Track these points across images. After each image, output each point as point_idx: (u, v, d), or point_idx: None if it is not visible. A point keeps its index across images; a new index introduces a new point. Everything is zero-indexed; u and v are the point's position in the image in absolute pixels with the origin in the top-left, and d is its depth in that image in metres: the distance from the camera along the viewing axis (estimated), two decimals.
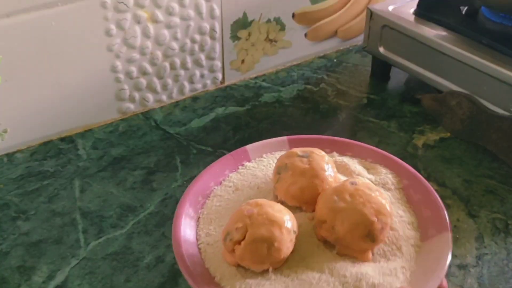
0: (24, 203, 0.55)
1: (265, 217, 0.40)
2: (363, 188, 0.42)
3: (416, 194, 0.46)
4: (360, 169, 0.49)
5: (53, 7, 0.57)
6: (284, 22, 0.76)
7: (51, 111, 0.63)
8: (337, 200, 0.41)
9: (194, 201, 0.47)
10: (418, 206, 0.46)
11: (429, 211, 0.44)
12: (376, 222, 0.40)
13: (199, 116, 0.69)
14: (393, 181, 0.48)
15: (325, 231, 0.42)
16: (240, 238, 0.40)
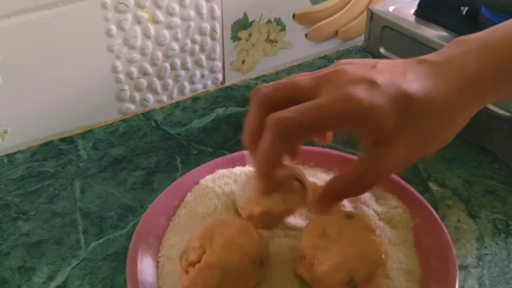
0: (24, 203, 0.55)
1: (226, 240, 0.35)
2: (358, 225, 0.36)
3: (426, 238, 0.40)
4: (368, 196, 0.43)
5: (54, 8, 0.57)
6: (284, 23, 0.76)
7: (52, 112, 0.63)
8: (322, 234, 0.36)
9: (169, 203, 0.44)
10: (426, 253, 0.39)
11: (437, 262, 0.38)
12: (362, 269, 0.34)
13: (199, 117, 0.69)
14: (402, 218, 0.42)
15: (302, 268, 0.36)
16: (195, 260, 0.35)
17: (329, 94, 0.34)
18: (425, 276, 0.38)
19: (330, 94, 0.34)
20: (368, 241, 0.35)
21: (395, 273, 0.37)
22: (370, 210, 0.42)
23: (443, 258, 0.38)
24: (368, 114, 0.34)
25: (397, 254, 0.38)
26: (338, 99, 0.34)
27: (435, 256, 0.38)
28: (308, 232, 0.37)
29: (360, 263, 0.34)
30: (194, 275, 0.35)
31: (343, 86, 0.34)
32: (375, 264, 0.34)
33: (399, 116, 0.34)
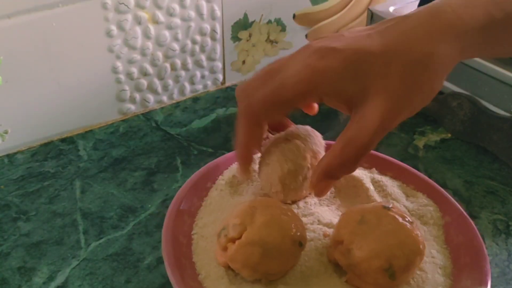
0: (24, 204, 0.55)
1: (268, 219, 0.35)
2: (396, 215, 0.36)
3: (457, 236, 0.40)
4: (399, 193, 0.44)
5: (54, 8, 0.57)
6: (284, 23, 0.76)
7: (52, 112, 0.63)
8: (361, 221, 0.35)
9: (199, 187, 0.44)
10: (457, 250, 0.39)
11: (468, 258, 0.38)
12: (401, 257, 0.34)
13: (199, 117, 0.69)
14: (433, 215, 0.42)
15: (339, 253, 0.36)
16: (236, 236, 0.35)
17: (290, 68, 0.35)
18: (457, 271, 0.38)
19: (290, 69, 0.34)
20: (406, 231, 0.35)
21: (428, 266, 0.37)
22: (401, 206, 0.42)
23: (474, 255, 0.38)
24: (324, 79, 0.33)
25: (429, 249, 0.39)
26: (294, 72, 0.34)
27: (466, 253, 0.39)
28: (346, 219, 0.37)
29: (400, 251, 0.34)
30: (234, 251, 0.35)
31: (302, 59, 0.34)
32: (414, 253, 0.34)
33: (359, 74, 0.33)
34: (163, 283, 0.47)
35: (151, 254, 0.49)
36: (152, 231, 0.52)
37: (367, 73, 0.33)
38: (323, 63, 0.33)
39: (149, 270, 0.48)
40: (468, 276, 0.37)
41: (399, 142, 0.64)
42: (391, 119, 0.34)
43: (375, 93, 0.33)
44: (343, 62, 0.33)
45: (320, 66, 0.33)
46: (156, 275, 0.47)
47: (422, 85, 0.34)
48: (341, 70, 0.33)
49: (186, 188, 0.44)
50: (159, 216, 0.54)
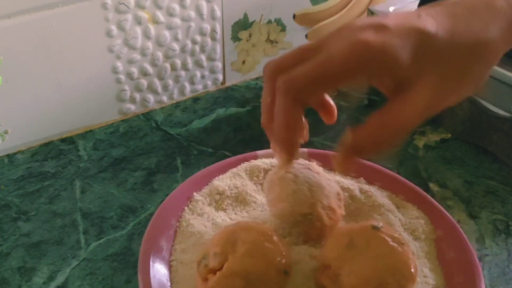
0: (24, 204, 0.55)
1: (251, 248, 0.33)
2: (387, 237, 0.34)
3: (450, 251, 0.39)
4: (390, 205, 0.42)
5: (54, 8, 0.57)
6: (284, 23, 0.76)
7: (52, 112, 0.63)
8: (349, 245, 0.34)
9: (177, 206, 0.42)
10: (450, 267, 0.38)
11: (462, 276, 0.37)
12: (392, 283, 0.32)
13: (199, 117, 0.69)
14: (424, 229, 0.40)
15: (327, 279, 0.34)
16: (216, 266, 0.33)
17: (336, 44, 0.32)
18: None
19: (337, 44, 0.32)
20: (398, 254, 0.33)
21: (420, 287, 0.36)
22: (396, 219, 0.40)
23: (468, 273, 0.36)
24: (379, 55, 0.31)
25: (421, 267, 0.37)
26: (344, 47, 0.31)
27: (459, 270, 0.37)
28: (333, 242, 0.35)
29: (391, 277, 0.32)
30: (215, 283, 0.33)
31: (350, 34, 0.32)
32: (406, 279, 0.32)
33: (415, 54, 0.31)
34: None
35: None
36: None
37: (425, 54, 0.32)
38: (378, 38, 0.31)
39: None
40: None
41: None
42: (438, 103, 0.33)
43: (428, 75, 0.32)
44: (401, 39, 0.31)
45: (375, 41, 0.31)
46: None
47: (473, 73, 0.33)
48: (399, 47, 0.31)
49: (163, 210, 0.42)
50: None
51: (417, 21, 0.32)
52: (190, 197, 0.45)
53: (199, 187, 0.46)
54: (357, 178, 0.45)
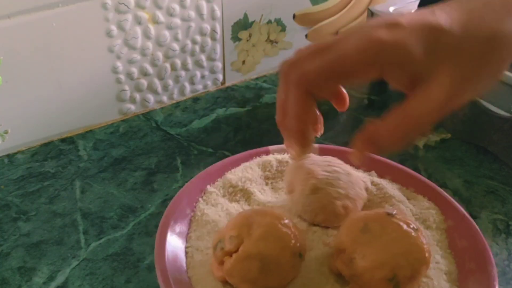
0: (24, 204, 0.55)
1: (267, 231, 0.33)
2: (401, 222, 0.34)
3: (461, 240, 0.39)
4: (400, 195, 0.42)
5: (54, 8, 0.57)
6: (284, 23, 0.76)
7: (52, 112, 0.63)
8: (364, 229, 0.34)
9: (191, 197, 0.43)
10: (461, 255, 0.38)
11: (474, 263, 0.37)
12: (406, 267, 0.32)
13: (199, 117, 0.69)
14: (435, 219, 0.41)
15: (341, 263, 0.35)
16: (233, 249, 0.34)
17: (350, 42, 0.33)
18: (463, 277, 0.37)
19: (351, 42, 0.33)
20: (411, 239, 0.33)
21: (433, 272, 0.36)
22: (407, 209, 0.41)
23: (480, 260, 0.37)
24: (392, 51, 0.32)
25: (433, 254, 0.37)
26: (359, 44, 0.32)
27: (471, 258, 0.37)
28: (348, 227, 0.35)
29: (405, 260, 0.32)
30: (231, 265, 0.33)
31: (365, 33, 0.32)
32: (420, 262, 0.33)
33: (428, 49, 0.32)
34: None
35: (151, 254, 0.49)
36: (152, 231, 0.52)
37: (438, 48, 0.32)
38: (391, 35, 0.32)
39: (149, 270, 0.48)
40: (474, 281, 0.36)
41: None
42: (456, 97, 0.32)
43: (443, 69, 0.32)
44: (413, 35, 0.32)
45: (388, 38, 0.32)
46: (156, 275, 0.47)
47: (491, 66, 0.33)
48: (412, 43, 0.32)
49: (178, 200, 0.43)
50: (159, 216, 0.53)
51: (430, 17, 0.32)
52: (203, 189, 0.45)
53: (212, 180, 0.47)
54: (369, 172, 0.45)
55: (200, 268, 0.37)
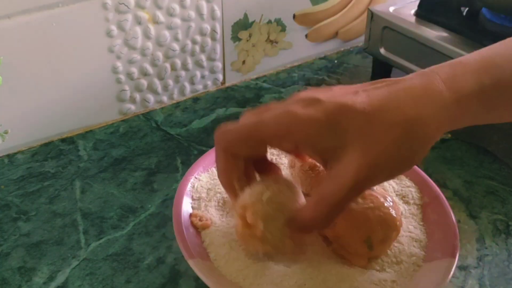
0: (24, 204, 0.55)
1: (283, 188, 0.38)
2: (378, 196, 0.40)
3: (433, 214, 0.45)
4: None
5: (54, 8, 0.57)
6: (284, 23, 0.76)
7: (52, 112, 0.63)
8: None
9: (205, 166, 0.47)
10: (431, 227, 0.44)
11: (441, 233, 0.43)
12: (379, 231, 0.39)
13: (200, 117, 0.69)
14: (414, 196, 0.47)
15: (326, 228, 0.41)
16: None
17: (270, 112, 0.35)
18: (431, 244, 0.42)
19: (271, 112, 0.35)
20: (386, 209, 0.39)
21: (404, 239, 0.42)
22: (390, 187, 0.47)
23: (447, 232, 0.43)
24: (303, 127, 0.33)
25: (407, 225, 0.44)
26: (276, 114, 0.35)
27: (439, 229, 0.43)
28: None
29: (378, 226, 0.38)
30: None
31: (284, 106, 0.35)
32: (391, 229, 0.39)
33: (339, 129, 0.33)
34: (163, 283, 0.47)
35: (151, 254, 0.49)
36: (152, 231, 0.52)
37: (346, 129, 0.33)
38: (304, 112, 0.33)
39: (149, 270, 0.48)
40: (439, 249, 0.41)
41: None
42: (366, 178, 0.33)
43: (352, 150, 0.32)
44: (324, 114, 0.33)
45: (301, 114, 0.33)
46: (156, 275, 0.47)
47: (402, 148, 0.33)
48: (321, 123, 0.33)
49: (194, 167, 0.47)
50: (159, 216, 0.54)
51: (350, 97, 0.33)
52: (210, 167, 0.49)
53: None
54: None
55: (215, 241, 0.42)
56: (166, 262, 0.49)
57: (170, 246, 0.50)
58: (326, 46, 0.82)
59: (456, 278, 0.47)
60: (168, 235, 0.51)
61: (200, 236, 0.42)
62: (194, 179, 0.47)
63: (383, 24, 0.70)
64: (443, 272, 0.39)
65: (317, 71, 0.79)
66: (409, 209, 0.45)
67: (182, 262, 0.48)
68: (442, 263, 0.40)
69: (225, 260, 0.40)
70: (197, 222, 0.42)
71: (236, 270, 0.39)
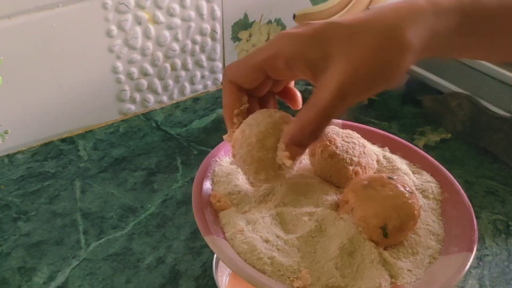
0: (24, 204, 0.55)
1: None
2: (399, 185, 0.40)
3: (452, 210, 0.45)
4: (406, 169, 0.48)
5: (54, 8, 0.57)
6: (284, 23, 0.76)
7: (52, 112, 0.63)
8: (366, 186, 0.40)
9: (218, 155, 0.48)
10: (450, 222, 0.44)
11: (459, 229, 0.43)
12: (396, 219, 0.39)
13: (200, 117, 0.69)
14: (434, 191, 0.47)
15: (344, 211, 0.41)
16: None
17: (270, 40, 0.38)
18: (448, 239, 0.42)
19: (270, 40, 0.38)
20: (404, 198, 0.39)
21: (422, 231, 0.42)
22: (411, 181, 0.47)
23: (465, 226, 0.42)
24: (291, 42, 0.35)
25: (426, 218, 0.44)
26: (271, 39, 0.37)
27: (458, 225, 0.43)
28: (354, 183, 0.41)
29: (395, 213, 0.38)
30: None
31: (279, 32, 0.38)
32: (408, 217, 0.39)
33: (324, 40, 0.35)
34: (163, 283, 0.47)
35: (151, 254, 0.49)
36: (152, 231, 0.52)
37: (331, 40, 0.35)
38: (293, 30, 0.36)
39: (149, 270, 0.48)
40: (456, 243, 0.41)
41: None
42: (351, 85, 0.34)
43: (337, 60, 0.34)
44: (312, 31, 0.35)
45: (290, 32, 0.36)
46: (156, 275, 0.47)
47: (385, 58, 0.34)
48: (308, 37, 0.35)
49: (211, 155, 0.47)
50: (159, 216, 0.54)
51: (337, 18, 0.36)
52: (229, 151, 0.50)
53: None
54: (383, 147, 0.51)
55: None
56: (166, 262, 0.49)
57: (170, 246, 0.50)
58: None
59: None
60: (168, 235, 0.51)
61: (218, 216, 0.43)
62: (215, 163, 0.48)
63: None
64: (459, 265, 0.39)
65: None
66: (428, 204, 0.45)
67: (182, 262, 0.49)
68: (458, 257, 0.40)
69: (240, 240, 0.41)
70: (215, 203, 0.43)
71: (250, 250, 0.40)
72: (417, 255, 0.41)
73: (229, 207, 0.43)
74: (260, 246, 0.39)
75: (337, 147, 0.45)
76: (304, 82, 0.76)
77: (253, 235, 0.40)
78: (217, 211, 0.43)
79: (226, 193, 0.44)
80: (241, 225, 0.41)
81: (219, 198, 0.43)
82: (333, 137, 0.45)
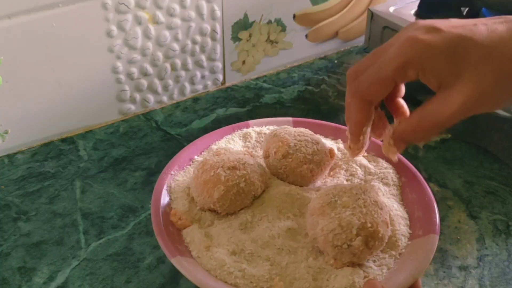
0: (25, 204, 0.55)
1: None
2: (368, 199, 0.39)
3: (411, 193, 0.46)
4: (362, 159, 0.49)
5: (54, 8, 0.57)
6: (285, 23, 0.76)
7: (52, 112, 0.63)
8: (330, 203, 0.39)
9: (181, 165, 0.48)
10: (411, 206, 0.45)
11: (420, 212, 0.44)
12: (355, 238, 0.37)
13: (200, 117, 0.69)
14: (393, 177, 0.48)
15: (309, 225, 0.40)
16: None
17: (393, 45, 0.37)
18: (412, 223, 0.43)
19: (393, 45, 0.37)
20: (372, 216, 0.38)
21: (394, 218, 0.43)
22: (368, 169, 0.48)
23: (425, 209, 0.43)
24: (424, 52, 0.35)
25: (392, 204, 0.44)
26: (396, 45, 0.36)
27: (419, 208, 0.44)
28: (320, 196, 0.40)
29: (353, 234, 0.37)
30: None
31: (405, 33, 0.36)
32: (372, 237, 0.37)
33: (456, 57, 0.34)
34: (163, 283, 0.47)
35: (151, 254, 0.49)
36: (152, 231, 0.52)
37: (464, 60, 0.34)
38: (425, 37, 0.35)
39: (149, 270, 0.48)
40: (420, 226, 0.42)
41: None
42: (473, 107, 0.35)
43: (466, 80, 0.34)
44: (445, 42, 0.35)
45: (423, 39, 0.35)
46: (156, 275, 0.47)
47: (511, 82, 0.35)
48: (441, 49, 0.35)
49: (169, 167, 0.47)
50: None
51: (470, 28, 0.35)
52: (192, 159, 0.50)
53: (199, 151, 0.51)
54: (336, 140, 0.52)
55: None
56: (166, 262, 0.49)
57: None
58: (326, 46, 0.83)
59: (456, 278, 0.47)
60: None
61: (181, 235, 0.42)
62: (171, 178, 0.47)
63: (383, 24, 0.70)
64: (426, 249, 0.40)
65: (317, 71, 0.79)
66: (389, 190, 0.47)
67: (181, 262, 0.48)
68: (425, 240, 0.41)
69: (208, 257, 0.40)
70: (176, 221, 0.42)
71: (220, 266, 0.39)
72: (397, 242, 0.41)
73: (191, 224, 0.42)
74: (229, 260, 0.39)
75: (289, 147, 0.45)
76: (304, 82, 0.76)
77: (220, 250, 0.40)
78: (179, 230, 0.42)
79: (186, 210, 0.43)
80: (206, 241, 0.40)
81: (179, 216, 0.42)
82: (285, 137, 0.46)
